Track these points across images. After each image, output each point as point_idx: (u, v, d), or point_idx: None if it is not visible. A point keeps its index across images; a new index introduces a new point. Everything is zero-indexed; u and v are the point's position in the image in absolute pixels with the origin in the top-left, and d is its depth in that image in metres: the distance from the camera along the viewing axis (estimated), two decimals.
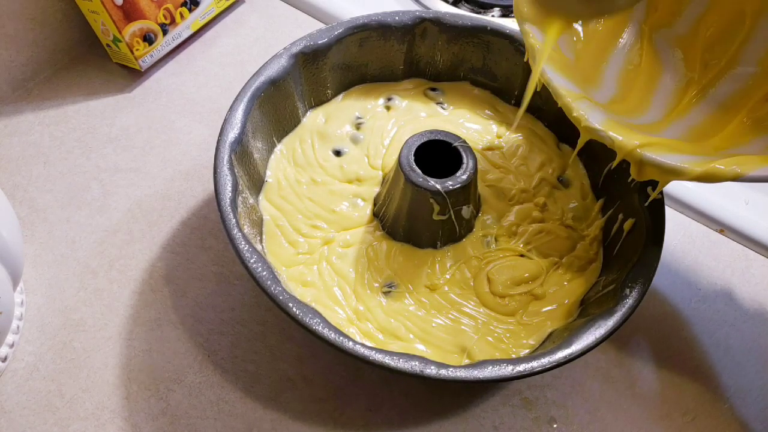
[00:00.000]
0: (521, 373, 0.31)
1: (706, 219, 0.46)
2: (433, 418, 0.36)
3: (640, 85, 0.34)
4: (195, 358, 0.37)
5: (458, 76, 0.46)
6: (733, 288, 0.43)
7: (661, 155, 0.28)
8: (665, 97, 0.33)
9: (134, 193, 0.44)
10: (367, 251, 0.38)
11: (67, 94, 0.49)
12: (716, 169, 0.26)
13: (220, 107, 0.47)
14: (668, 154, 0.28)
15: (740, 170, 0.26)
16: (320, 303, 0.36)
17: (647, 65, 0.34)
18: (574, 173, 0.43)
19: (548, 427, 0.36)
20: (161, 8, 0.48)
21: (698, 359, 0.39)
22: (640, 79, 0.34)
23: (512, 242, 0.39)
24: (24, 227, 0.41)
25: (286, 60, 0.40)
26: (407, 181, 0.36)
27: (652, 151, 0.28)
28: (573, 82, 0.32)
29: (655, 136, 0.31)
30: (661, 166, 0.28)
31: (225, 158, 0.35)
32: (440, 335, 0.35)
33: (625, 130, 0.30)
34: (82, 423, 0.35)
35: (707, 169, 0.27)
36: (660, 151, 0.28)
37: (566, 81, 0.32)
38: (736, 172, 0.26)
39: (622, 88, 0.34)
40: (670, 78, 0.33)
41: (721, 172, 0.26)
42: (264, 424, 0.35)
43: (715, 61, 0.32)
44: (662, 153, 0.28)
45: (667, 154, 0.28)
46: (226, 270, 0.41)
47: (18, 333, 0.37)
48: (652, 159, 0.28)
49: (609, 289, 0.35)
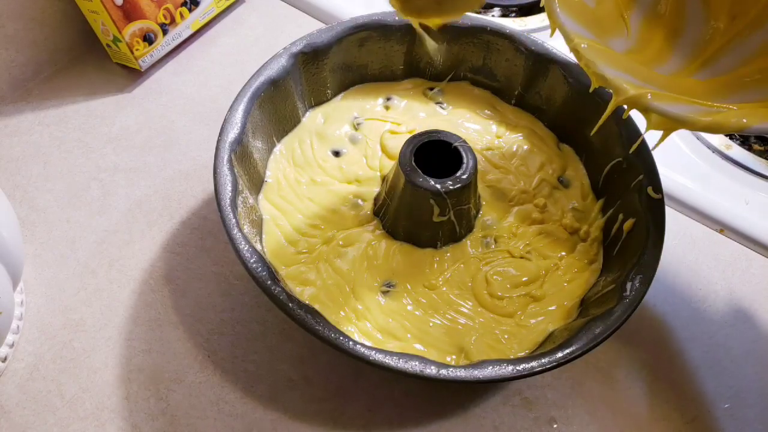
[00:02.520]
0: (521, 373, 0.31)
1: (706, 219, 0.46)
2: (433, 418, 0.36)
3: (662, 36, 0.33)
4: (195, 358, 0.37)
5: (458, 76, 0.46)
6: (733, 288, 0.43)
7: (668, 104, 0.28)
8: (687, 48, 0.32)
9: (134, 193, 0.44)
10: (367, 250, 0.38)
11: (67, 94, 0.49)
12: (723, 119, 0.26)
13: (220, 107, 0.47)
14: (675, 104, 0.28)
15: (747, 121, 0.26)
16: (319, 302, 0.36)
17: (671, 15, 0.33)
18: (574, 173, 0.43)
19: (548, 427, 0.36)
20: (161, 8, 0.48)
21: (698, 359, 0.39)
22: (662, 29, 0.33)
23: (512, 243, 0.39)
24: (24, 227, 0.41)
25: (286, 60, 0.40)
26: (407, 181, 0.36)
27: (659, 100, 0.28)
28: (588, 29, 0.31)
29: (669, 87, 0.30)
30: (667, 114, 0.27)
31: (225, 158, 0.35)
32: (438, 335, 0.35)
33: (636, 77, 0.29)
34: (82, 423, 0.35)
35: (714, 119, 0.26)
36: (667, 101, 0.28)
37: (580, 27, 0.31)
38: (743, 123, 0.26)
39: (642, 38, 0.33)
40: (694, 29, 0.32)
41: (727, 122, 0.26)
42: (264, 424, 0.35)
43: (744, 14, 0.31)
44: (669, 102, 0.28)
45: (674, 103, 0.28)
46: (226, 270, 0.40)
47: (18, 333, 0.37)
48: (658, 107, 0.27)
49: (609, 290, 0.35)
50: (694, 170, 0.48)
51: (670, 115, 0.27)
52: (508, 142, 0.44)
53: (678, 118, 0.27)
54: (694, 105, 0.28)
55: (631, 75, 0.30)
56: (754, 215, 0.46)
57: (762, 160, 0.49)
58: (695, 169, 0.49)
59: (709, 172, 0.49)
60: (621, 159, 0.39)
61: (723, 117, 0.26)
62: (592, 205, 0.41)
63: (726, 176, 0.49)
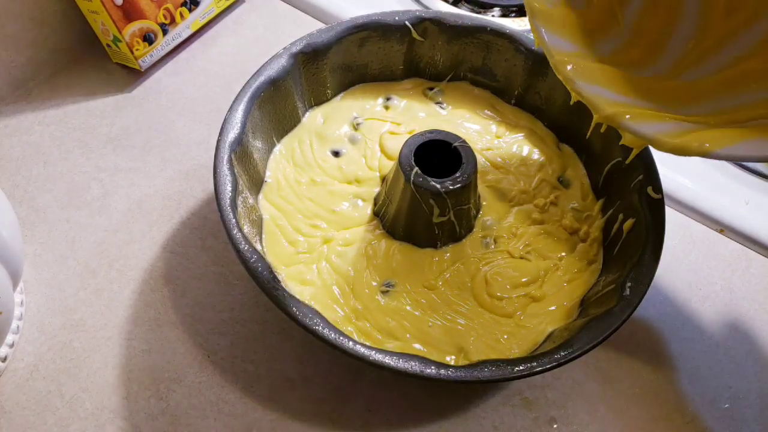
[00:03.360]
0: (521, 373, 0.31)
1: (706, 219, 0.46)
2: (432, 418, 0.36)
3: (655, 30, 0.33)
4: (195, 358, 0.37)
5: (458, 76, 0.46)
6: (733, 288, 0.43)
7: (638, 123, 0.28)
8: (679, 45, 0.32)
9: (134, 193, 0.44)
10: (366, 250, 0.38)
11: (67, 94, 0.49)
12: (687, 144, 0.27)
13: (220, 107, 0.47)
14: (648, 123, 0.28)
15: (708, 146, 0.26)
16: (319, 301, 0.36)
17: (665, 9, 0.33)
18: (574, 173, 0.43)
19: (548, 427, 0.36)
20: (161, 8, 0.48)
21: (698, 360, 0.39)
22: (656, 23, 0.33)
23: (512, 244, 0.39)
24: (24, 227, 0.42)
25: (286, 60, 0.40)
26: (407, 181, 0.36)
27: (634, 119, 0.28)
28: (572, 39, 0.32)
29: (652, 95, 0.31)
30: (638, 134, 0.28)
31: (225, 158, 0.35)
32: (437, 335, 0.35)
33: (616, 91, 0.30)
34: (82, 423, 0.35)
35: (680, 142, 0.27)
36: (639, 119, 0.29)
37: (564, 39, 0.32)
38: (705, 148, 0.26)
39: (634, 34, 0.33)
40: (689, 24, 0.32)
41: (690, 146, 0.27)
42: (263, 423, 0.35)
43: (741, 9, 0.31)
44: (642, 122, 0.28)
45: (645, 122, 0.28)
46: (225, 270, 0.41)
47: (18, 333, 0.37)
48: (629, 126, 0.28)
49: (609, 290, 0.35)
50: (694, 170, 0.48)
51: (640, 135, 0.28)
52: (508, 142, 0.44)
53: (647, 138, 0.28)
54: (666, 123, 0.29)
55: (611, 89, 0.30)
56: (754, 215, 0.46)
57: None
58: (695, 169, 0.49)
59: (709, 172, 0.49)
60: (621, 159, 0.39)
61: (687, 141, 0.27)
62: (592, 205, 0.41)
63: (726, 176, 0.49)
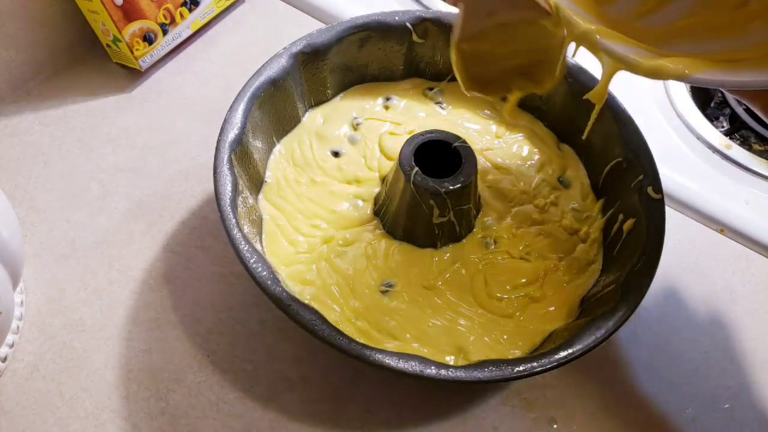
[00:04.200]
0: (521, 373, 0.31)
1: (706, 219, 0.46)
2: (432, 418, 0.36)
3: None
4: (194, 358, 0.37)
5: None
6: (733, 288, 0.43)
7: (614, 43, 0.28)
8: None
9: (134, 193, 0.44)
10: (366, 250, 0.38)
11: (67, 94, 0.49)
12: (664, 66, 0.27)
13: (220, 107, 0.47)
14: (622, 45, 0.28)
15: (687, 71, 0.26)
16: (318, 301, 0.36)
17: None
18: (574, 173, 0.43)
19: (548, 427, 0.36)
20: (161, 8, 0.48)
21: (698, 360, 0.39)
22: None
23: (512, 244, 0.39)
24: (24, 227, 0.42)
25: (286, 60, 0.40)
26: (407, 181, 0.36)
27: (608, 38, 0.28)
28: None
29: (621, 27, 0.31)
30: (612, 53, 0.28)
31: (225, 158, 0.35)
32: (437, 335, 0.35)
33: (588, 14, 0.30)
34: (82, 423, 0.35)
35: (656, 64, 0.27)
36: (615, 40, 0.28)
37: None
38: (683, 72, 0.26)
39: None
40: None
41: (668, 69, 0.27)
42: (263, 424, 0.35)
43: None
44: (617, 42, 0.28)
45: (620, 43, 0.28)
46: (225, 270, 0.41)
47: (18, 333, 0.37)
48: (605, 45, 0.28)
49: (609, 290, 0.35)
50: (694, 170, 0.48)
51: (615, 55, 0.28)
52: (508, 142, 0.44)
53: (623, 59, 0.28)
54: (640, 48, 0.28)
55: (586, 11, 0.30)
56: (754, 215, 0.46)
57: (762, 160, 0.49)
58: (695, 169, 0.49)
59: (709, 172, 0.49)
60: (621, 159, 0.39)
61: (663, 64, 0.27)
62: (592, 205, 0.41)
63: (726, 176, 0.49)
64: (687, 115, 0.52)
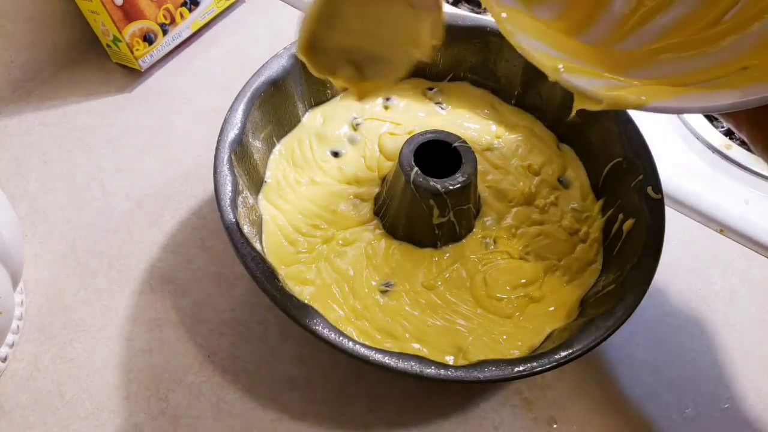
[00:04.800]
0: (521, 373, 0.31)
1: (706, 219, 0.46)
2: (432, 418, 0.36)
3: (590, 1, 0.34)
4: (195, 358, 0.37)
5: (458, 76, 0.46)
6: (733, 288, 0.43)
7: (577, 77, 0.29)
8: (612, 16, 0.33)
9: (134, 193, 0.44)
10: (366, 250, 0.38)
11: (67, 94, 0.49)
12: (622, 97, 0.28)
13: (220, 107, 0.47)
14: (584, 78, 0.29)
15: (644, 98, 0.27)
16: (318, 301, 0.36)
17: None
18: (574, 173, 0.43)
19: (548, 427, 0.36)
20: (161, 8, 0.48)
21: (698, 360, 0.39)
22: None
23: (511, 244, 0.39)
24: (24, 227, 0.42)
25: (286, 60, 0.40)
26: (407, 181, 0.36)
27: (570, 72, 0.29)
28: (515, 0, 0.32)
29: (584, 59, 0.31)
30: (575, 88, 0.29)
31: (225, 158, 0.35)
32: (436, 335, 0.35)
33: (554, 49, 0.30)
34: (82, 423, 0.35)
35: (616, 95, 0.28)
36: (578, 74, 0.29)
37: None
38: (641, 100, 0.27)
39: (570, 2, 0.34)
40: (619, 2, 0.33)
41: (626, 99, 0.27)
42: (263, 424, 0.35)
43: None
44: (579, 76, 0.29)
45: (583, 77, 0.29)
46: (226, 270, 0.41)
47: (18, 333, 0.37)
48: (568, 80, 0.29)
49: (609, 290, 0.35)
50: (694, 170, 0.48)
51: (577, 89, 0.29)
52: (508, 142, 0.44)
53: (584, 92, 0.28)
54: (603, 80, 0.29)
55: (551, 46, 0.31)
56: (754, 215, 0.46)
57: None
58: (695, 169, 0.49)
59: (709, 172, 0.49)
60: (621, 159, 0.39)
61: (623, 94, 0.28)
62: (591, 205, 0.41)
63: (726, 176, 0.49)
64: (687, 115, 0.52)
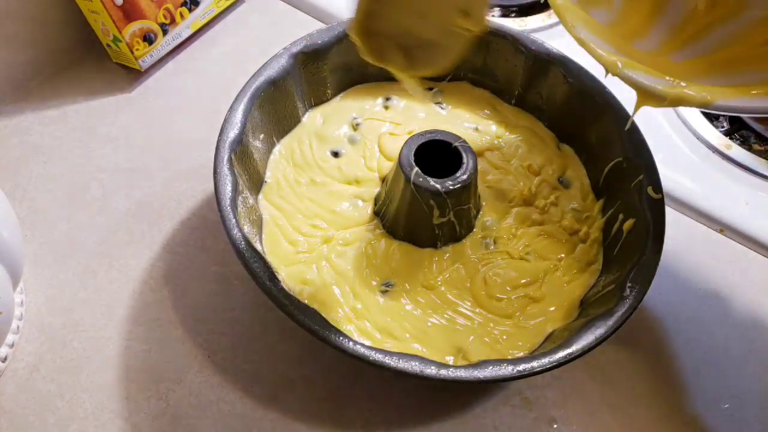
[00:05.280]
0: (521, 373, 0.31)
1: (706, 219, 0.46)
2: (432, 418, 0.36)
3: (644, 12, 0.34)
4: (195, 358, 0.37)
5: (458, 76, 0.46)
6: (733, 288, 0.43)
7: (637, 74, 0.29)
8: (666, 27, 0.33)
9: (134, 193, 0.44)
10: (366, 250, 0.38)
11: (67, 94, 0.49)
12: (686, 94, 0.28)
13: (220, 107, 0.47)
14: (644, 75, 0.29)
15: (710, 98, 0.28)
16: (318, 301, 0.36)
17: None
18: (574, 173, 0.43)
19: (548, 427, 0.36)
20: (161, 8, 0.48)
21: (698, 359, 0.39)
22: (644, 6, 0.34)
23: (511, 244, 0.39)
24: (24, 227, 0.41)
25: (286, 60, 0.40)
26: (407, 181, 0.36)
27: (630, 68, 0.29)
28: None
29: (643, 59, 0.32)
30: (636, 84, 0.29)
31: (225, 158, 0.35)
32: (436, 335, 0.35)
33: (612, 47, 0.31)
34: (82, 423, 0.35)
35: (680, 92, 0.28)
36: (638, 71, 0.29)
37: None
38: (706, 99, 0.28)
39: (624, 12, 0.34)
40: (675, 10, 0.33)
41: (690, 97, 0.28)
42: (264, 423, 0.35)
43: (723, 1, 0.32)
44: (639, 72, 0.29)
45: (643, 73, 0.29)
46: (226, 270, 0.40)
47: (18, 333, 0.37)
48: (629, 76, 0.29)
49: (609, 290, 0.35)
50: (694, 170, 0.48)
51: (639, 85, 0.29)
52: (508, 142, 0.44)
53: (647, 89, 0.29)
54: (663, 78, 0.29)
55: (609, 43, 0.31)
56: (754, 215, 0.46)
57: (762, 160, 0.49)
58: (695, 169, 0.49)
59: (709, 172, 0.49)
60: (621, 159, 0.39)
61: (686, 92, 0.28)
62: (592, 205, 0.41)
63: (726, 176, 0.49)
64: (687, 115, 0.52)
